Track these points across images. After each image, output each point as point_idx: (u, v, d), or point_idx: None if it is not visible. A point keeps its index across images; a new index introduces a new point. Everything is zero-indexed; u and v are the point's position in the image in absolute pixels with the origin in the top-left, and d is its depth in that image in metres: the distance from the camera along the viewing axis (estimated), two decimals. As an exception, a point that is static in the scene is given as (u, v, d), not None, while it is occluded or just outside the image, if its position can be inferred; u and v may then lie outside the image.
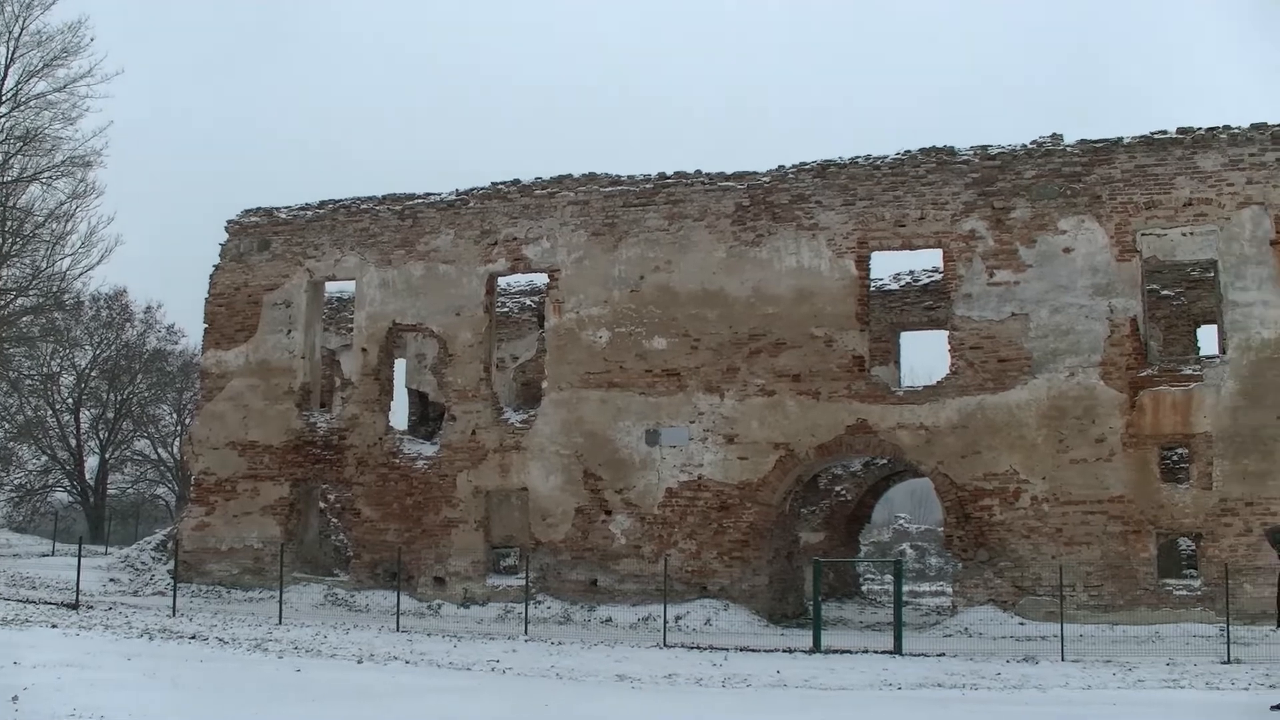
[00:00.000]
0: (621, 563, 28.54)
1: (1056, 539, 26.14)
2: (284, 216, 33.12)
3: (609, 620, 27.33)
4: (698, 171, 29.52)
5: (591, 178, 30.17)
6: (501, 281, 33.02)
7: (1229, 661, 20.72)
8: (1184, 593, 26.28)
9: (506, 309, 36.15)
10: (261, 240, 33.16)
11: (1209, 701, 16.60)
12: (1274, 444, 25.56)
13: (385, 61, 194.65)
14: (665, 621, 24.90)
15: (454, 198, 31.32)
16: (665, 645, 23.16)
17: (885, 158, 28.25)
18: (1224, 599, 23.63)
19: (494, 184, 31.13)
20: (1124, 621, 25.36)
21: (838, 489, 34.90)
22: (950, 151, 27.93)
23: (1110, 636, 24.26)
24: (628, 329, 29.16)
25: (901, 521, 55.61)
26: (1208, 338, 31.58)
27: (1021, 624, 25.55)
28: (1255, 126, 26.60)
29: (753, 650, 22.50)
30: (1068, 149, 27.29)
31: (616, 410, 28.94)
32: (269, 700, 14.65)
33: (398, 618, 26.02)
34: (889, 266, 34.00)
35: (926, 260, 32.91)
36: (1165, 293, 32.17)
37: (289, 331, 32.41)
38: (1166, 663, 20.67)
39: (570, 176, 30.31)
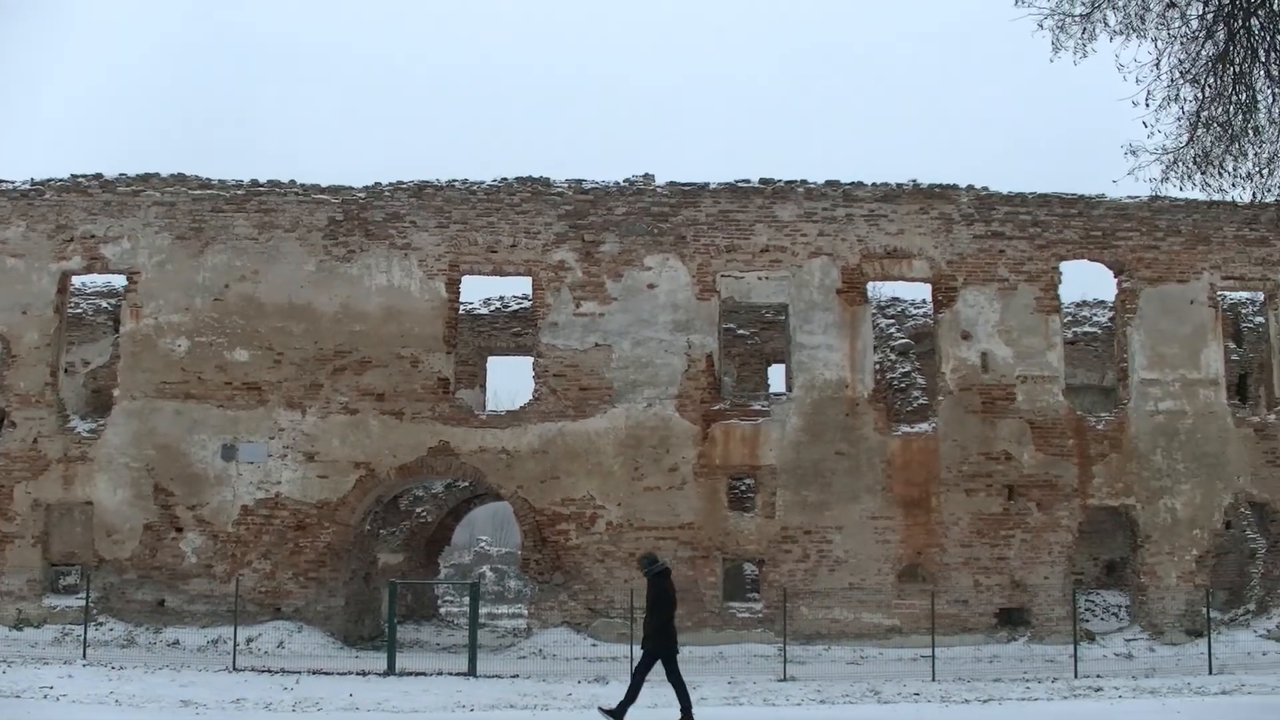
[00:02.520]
0: (192, 582, 28.17)
1: (629, 563, 27.75)
2: None
3: (176, 643, 26.94)
4: (292, 181, 29.63)
5: (180, 178, 29.64)
6: (76, 281, 31.88)
7: (785, 679, 22.75)
8: (746, 615, 28.65)
9: (80, 310, 34.61)
10: None
11: (764, 717, 18.42)
12: (832, 477, 28.46)
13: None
14: (236, 644, 24.73)
15: (28, 188, 29.92)
16: (235, 669, 23.06)
17: (481, 183, 29.33)
18: (782, 620, 25.86)
19: (73, 176, 29.90)
20: (691, 642, 27.03)
21: (419, 510, 35.71)
22: (545, 182, 29.34)
23: (678, 657, 26.28)
24: (209, 339, 28.87)
25: (483, 544, 57.17)
26: (778, 376, 34.64)
27: (594, 645, 27.11)
28: (829, 183, 29.55)
29: (326, 673, 22.71)
30: (658, 189, 29.36)
31: (192, 423, 28.58)
32: None
33: (-62, 642, 24.87)
34: (480, 291, 35.40)
35: (517, 287, 34.37)
36: (741, 332, 34.96)
37: None
38: (729, 681, 22.49)
39: (157, 175, 29.64)
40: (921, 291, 32.78)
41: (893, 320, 34.92)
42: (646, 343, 28.71)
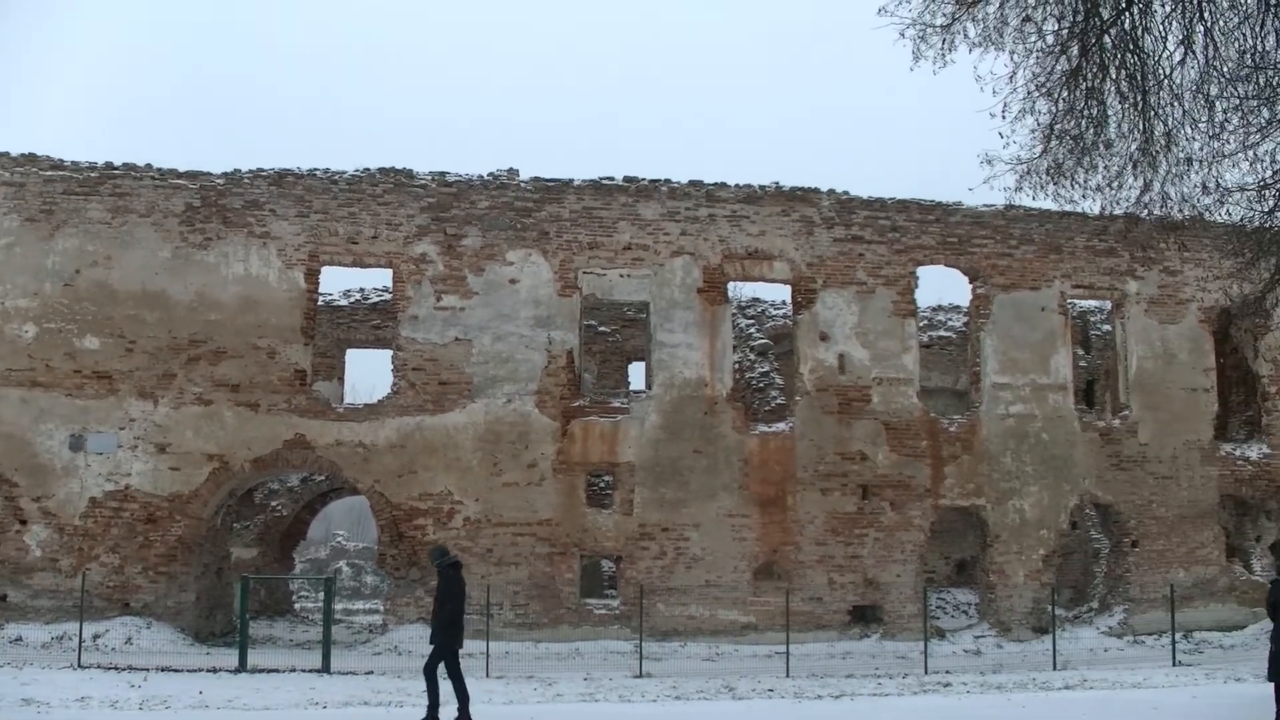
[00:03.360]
0: (35, 577, 27.47)
1: (487, 559, 28.11)
2: None
3: (19, 639, 26.28)
4: (148, 165, 29.06)
5: (30, 158, 28.81)
6: (-81, 264, 31.09)
7: (641, 676, 23.19)
8: (604, 611, 28.99)
9: (-78, 294, 33.96)
10: None
11: (620, 713, 18.58)
12: (689, 474, 28.93)
13: None
14: (81, 640, 24.25)
15: None
16: (80, 666, 22.69)
17: (343, 173, 29.16)
18: (639, 617, 26.35)
19: (-83, 155, 29.42)
20: (548, 639, 27.68)
21: (274, 504, 35.33)
22: (409, 174, 29.30)
23: (534, 653, 26.33)
24: (58, 325, 28.21)
25: (339, 539, 56.85)
26: (639, 374, 35.06)
27: (450, 642, 27.41)
28: (692, 183, 30.02)
29: (176, 670, 22.43)
30: (522, 184, 29.56)
31: (39, 412, 27.90)
32: None
33: None
34: (339, 282, 35.06)
35: (377, 279, 34.34)
36: (602, 329, 35.35)
37: None
38: (585, 677, 22.82)
39: (6, 155, 28.81)
40: (781, 293, 33.47)
41: (753, 320, 35.60)
42: (507, 338, 28.89)
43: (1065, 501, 30.91)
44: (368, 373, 42.34)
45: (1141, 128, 16.95)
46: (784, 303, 34.35)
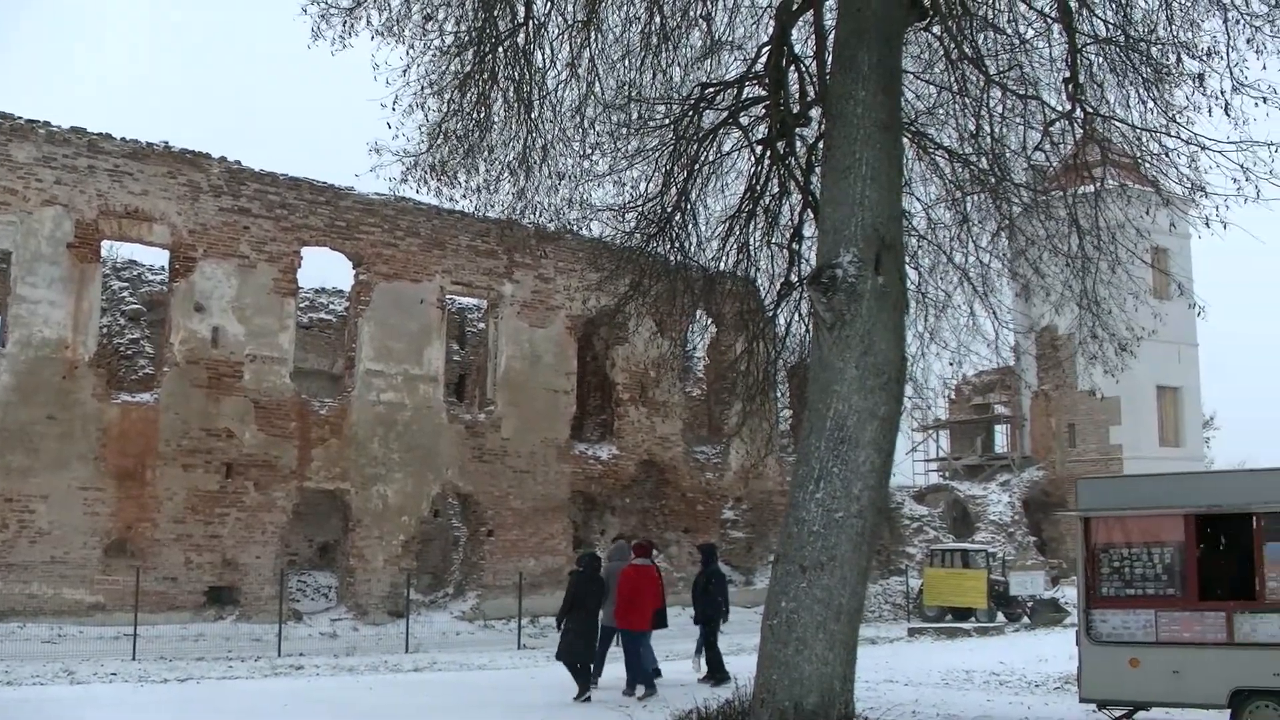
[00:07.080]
0: None
1: None
2: None
3: None
4: None
5: None
6: None
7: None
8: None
9: None
10: None
11: None
12: (41, 441, 27.62)
13: None
14: None
15: None
16: None
17: None
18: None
19: None
20: None
21: None
22: None
23: None
24: None
25: None
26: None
27: None
28: (74, 129, 28.76)
29: None
30: None
31: None
32: None
33: None
34: None
35: None
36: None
37: None
38: None
39: None
40: (160, 257, 32.80)
41: (127, 284, 34.58)
42: None
43: (428, 490, 32.69)
44: None
45: (522, 138, 18.50)
46: (162, 268, 33.66)
